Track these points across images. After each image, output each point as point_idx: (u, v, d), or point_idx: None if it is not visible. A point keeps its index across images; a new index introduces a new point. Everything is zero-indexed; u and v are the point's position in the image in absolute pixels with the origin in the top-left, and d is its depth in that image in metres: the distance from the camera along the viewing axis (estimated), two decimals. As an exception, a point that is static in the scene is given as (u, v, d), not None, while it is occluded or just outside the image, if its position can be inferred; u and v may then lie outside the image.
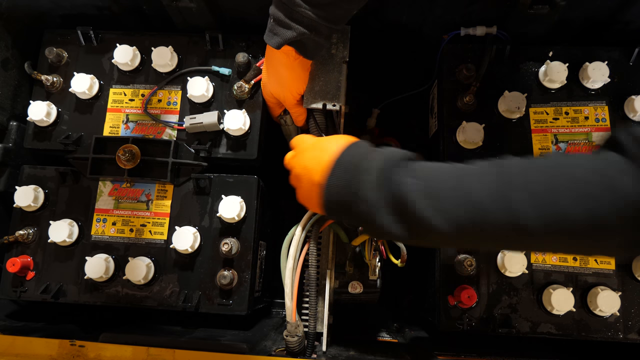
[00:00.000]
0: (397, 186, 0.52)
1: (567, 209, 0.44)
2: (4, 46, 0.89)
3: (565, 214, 0.44)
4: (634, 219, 0.42)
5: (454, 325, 0.80)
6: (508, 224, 0.47)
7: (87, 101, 0.88)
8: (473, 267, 0.80)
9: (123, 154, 0.80)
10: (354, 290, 0.83)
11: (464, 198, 0.49)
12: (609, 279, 0.80)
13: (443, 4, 0.86)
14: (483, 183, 0.49)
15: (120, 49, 0.86)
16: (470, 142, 0.83)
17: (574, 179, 0.44)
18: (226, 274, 0.79)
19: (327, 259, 0.81)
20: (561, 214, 0.44)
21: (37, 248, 0.84)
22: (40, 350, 0.67)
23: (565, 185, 0.44)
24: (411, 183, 0.52)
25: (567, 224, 0.45)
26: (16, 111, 0.91)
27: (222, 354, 0.66)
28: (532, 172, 0.47)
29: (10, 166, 0.88)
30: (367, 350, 0.84)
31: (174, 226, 0.81)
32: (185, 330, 0.90)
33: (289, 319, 0.72)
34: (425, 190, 0.51)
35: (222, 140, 0.85)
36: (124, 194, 0.85)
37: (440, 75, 0.90)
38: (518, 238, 0.49)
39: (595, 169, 0.44)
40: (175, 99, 0.88)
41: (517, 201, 0.46)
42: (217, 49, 0.88)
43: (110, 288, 0.82)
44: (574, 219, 0.44)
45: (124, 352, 0.66)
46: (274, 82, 0.80)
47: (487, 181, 0.49)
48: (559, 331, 0.79)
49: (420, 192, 0.51)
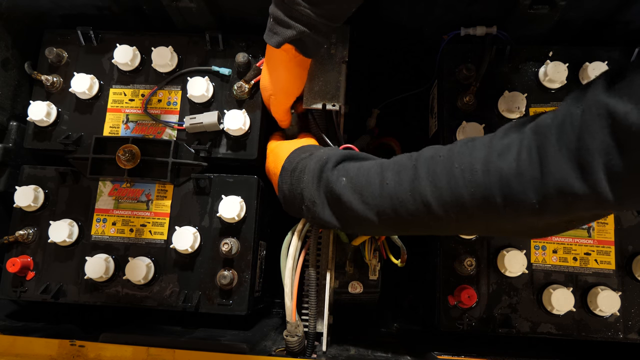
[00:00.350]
0: (331, 185, 0.63)
1: (463, 196, 0.53)
2: (4, 46, 0.89)
3: (462, 201, 0.53)
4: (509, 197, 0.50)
5: (454, 325, 0.80)
6: (421, 211, 0.56)
7: (87, 101, 0.88)
8: (473, 267, 0.80)
9: (123, 154, 0.80)
10: (354, 290, 0.83)
11: (385, 192, 0.59)
12: (609, 279, 0.80)
13: (443, 4, 0.86)
14: (400, 177, 0.58)
15: (120, 49, 0.86)
16: (470, 142, 0.83)
17: (469, 170, 0.52)
18: (226, 274, 0.79)
19: (327, 259, 0.81)
20: (459, 202, 0.53)
21: (37, 248, 0.84)
22: (40, 350, 0.67)
23: (461, 176, 0.53)
24: (342, 182, 0.62)
25: (464, 209, 0.54)
26: (16, 111, 0.91)
27: (222, 354, 0.66)
28: (437, 166, 0.55)
29: (10, 166, 0.88)
30: (366, 351, 0.84)
31: (174, 226, 0.81)
32: (185, 330, 0.90)
33: (289, 319, 0.72)
34: (353, 187, 0.61)
35: (222, 140, 0.85)
36: (124, 194, 0.85)
37: (440, 75, 0.90)
38: (430, 223, 0.58)
39: (485, 160, 0.52)
40: (175, 99, 0.88)
41: (424, 193, 0.55)
42: (217, 49, 0.88)
43: (110, 288, 0.82)
44: (468, 204, 0.53)
45: (124, 352, 0.66)
46: (272, 82, 0.80)
47: (403, 175, 0.58)
48: (559, 331, 0.79)
49: (349, 188, 0.61)
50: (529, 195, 0.49)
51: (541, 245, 0.82)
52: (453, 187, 0.53)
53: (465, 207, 0.53)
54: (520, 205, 0.50)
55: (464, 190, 0.53)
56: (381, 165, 0.62)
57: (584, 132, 0.45)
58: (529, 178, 0.48)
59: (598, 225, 0.82)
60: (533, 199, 0.49)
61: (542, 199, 0.48)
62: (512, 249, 0.80)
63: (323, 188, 0.65)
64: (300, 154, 0.71)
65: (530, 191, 0.49)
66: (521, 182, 0.49)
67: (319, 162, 0.66)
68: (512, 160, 0.50)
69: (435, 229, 0.61)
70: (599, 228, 0.82)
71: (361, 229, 0.67)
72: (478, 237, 0.82)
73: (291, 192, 0.69)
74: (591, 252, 0.81)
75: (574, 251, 0.81)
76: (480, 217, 0.54)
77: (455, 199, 0.54)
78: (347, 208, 0.62)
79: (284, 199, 0.72)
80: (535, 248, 0.82)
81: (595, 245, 0.82)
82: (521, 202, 0.49)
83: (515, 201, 0.50)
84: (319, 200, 0.65)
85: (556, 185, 0.47)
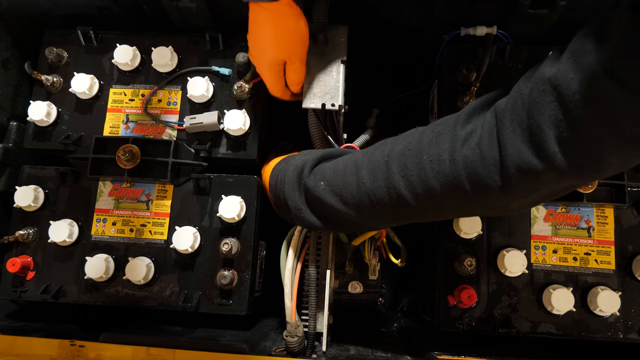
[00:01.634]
0: (311, 191, 0.66)
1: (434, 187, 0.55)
2: (4, 46, 0.89)
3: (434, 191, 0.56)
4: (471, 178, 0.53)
5: (454, 325, 0.80)
6: (397, 205, 0.59)
7: (87, 101, 0.88)
8: (473, 267, 0.80)
9: (123, 154, 0.80)
10: (354, 290, 0.83)
11: (362, 190, 0.61)
12: (609, 279, 0.80)
13: (443, 4, 0.86)
14: (375, 175, 0.60)
15: (120, 49, 0.86)
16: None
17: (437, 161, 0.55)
18: (226, 274, 0.79)
19: (327, 259, 0.81)
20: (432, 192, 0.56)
21: (37, 248, 0.84)
22: (40, 350, 0.67)
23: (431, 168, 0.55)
24: (320, 186, 0.65)
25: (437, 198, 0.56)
26: (16, 111, 0.91)
27: (222, 354, 0.66)
28: (408, 160, 0.58)
29: (10, 166, 0.88)
30: (367, 350, 0.84)
31: (174, 226, 0.81)
32: (185, 330, 0.90)
33: (288, 319, 0.72)
34: (332, 190, 0.64)
35: (222, 140, 0.85)
36: (124, 194, 0.85)
37: (440, 75, 0.90)
38: (408, 214, 0.61)
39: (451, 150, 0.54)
40: (175, 99, 0.88)
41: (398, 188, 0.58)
42: (217, 49, 0.88)
43: (110, 288, 0.82)
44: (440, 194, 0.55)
45: (124, 352, 0.66)
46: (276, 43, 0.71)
47: (377, 173, 0.60)
48: (559, 331, 0.79)
49: (328, 192, 0.64)
50: (494, 179, 0.50)
51: (541, 245, 0.82)
52: (424, 179, 0.56)
53: (437, 196, 0.56)
54: (489, 189, 0.51)
55: (434, 181, 0.55)
56: (355, 163, 0.64)
57: (532, 109, 0.47)
58: (492, 161, 0.50)
59: (598, 225, 0.82)
60: (498, 181, 0.50)
61: (506, 181, 0.50)
62: (512, 249, 0.80)
63: (304, 194, 0.68)
64: (280, 166, 0.75)
65: (494, 174, 0.50)
66: (485, 166, 0.50)
67: (295, 170, 0.69)
68: (475, 146, 0.52)
69: (413, 218, 0.64)
70: (599, 228, 0.82)
71: (345, 226, 0.70)
72: (478, 237, 0.82)
73: (278, 203, 0.74)
74: (591, 252, 0.81)
75: (574, 251, 0.81)
76: (453, 204, 0.57)
77: (427, 190, 0.56)
78: (329, 209, 0.66)
79: (276, 209, 0.78)
80: (535, 248, 0.82)
81: (595, 245, 0.82)
82: (488, 185, 0.51)
83: (483, 186, 0.51)
84: (303, 205, 0.69)
85: (515, 165, 0.48)
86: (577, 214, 0.82)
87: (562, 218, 0.82)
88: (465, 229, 0.80)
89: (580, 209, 0.83)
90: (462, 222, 0.80)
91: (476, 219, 0.80)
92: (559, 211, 0.83)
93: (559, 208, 0.83)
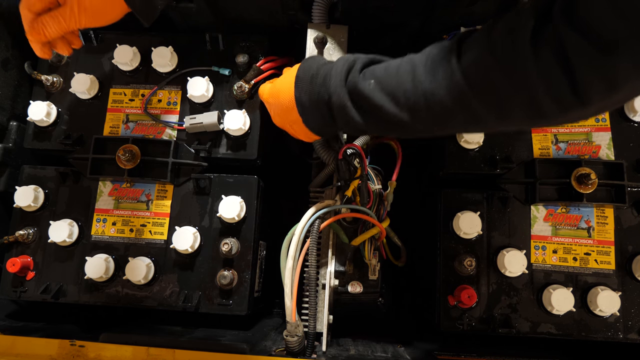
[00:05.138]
0: (359, 88, 0.61)
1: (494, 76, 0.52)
2: (4, 46, 0.89)
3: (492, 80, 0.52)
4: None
5: (454, 325, 0.80)
6: (457, 105, 0.55)
7: (87, 101, 0.88)
8: (473, 267, 0.80)
9: (123, 154, 0.80)
10: (354, 290, 0.83)
11: (418, 90, 0.57)
12: (609, 279, 0.80)
13: (443, 4, 0.86)
14: (435, 74, 0.56)
15: (120, 49, 0.86)
16: (470, 142, 0.83)
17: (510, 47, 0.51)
18: (226, 274, 0.79)
19: (327, 259, 0.81)
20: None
21: (37, 248, 0.84)
22: (40, 350, 0.67)
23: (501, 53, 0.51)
24: (370, 84, 0.61)
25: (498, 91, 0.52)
26: (16, 111, 0.91)
27: (222, 354, 0.66)
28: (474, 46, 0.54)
29: (10, 166, 0.88)
30: (366, 351, 0.84)
31: (174, 226, 0.81)
32: (185, 330, 0.90)
33: (288, 319, 0.72)
34: (382, 88, 0.60)
35: (222, 140, 0.85)
36: (124, 194, 0.85)
37: (440, 75, 0.90)
38: (467, 117, 0.56)
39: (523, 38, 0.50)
40: (175, 99, 0.88)
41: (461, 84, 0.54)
42: (217, 49, 0.88)
43: (110, 288, 0.82)
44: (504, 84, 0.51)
45: (124, 352, 0.66)
46: None
47: (438, 72, 0.56)
48: (559, 331, 0.79)
49: (378, 90, 0.60)
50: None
51: (541, 245, 0.82)
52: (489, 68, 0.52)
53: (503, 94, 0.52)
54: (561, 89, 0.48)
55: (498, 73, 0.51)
56: (411, 61, 0.60)
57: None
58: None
59: (598, 225, 0.82)
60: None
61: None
62: (512, 249, 0.80)
63: (348, 92, 0.62)
64: (318, 61, 0.68)
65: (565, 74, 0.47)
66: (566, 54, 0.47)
67: (346, 64, 0.64)
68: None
69: (473, 125, 0.60)
70: (599, 228, 0.82)
71: (391, 129, 0.64)
72: (478, 237, 0.82)
73: (313, 101, 0.66)
74: (591, 252, 0.81)
75: (574, 251, 0.81)
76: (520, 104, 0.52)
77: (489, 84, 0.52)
78: (378, 110, 0.60)
79: (304, 110, 0.67)
80: (535, 248, 0.82)
81: (595, 245, 0.82)
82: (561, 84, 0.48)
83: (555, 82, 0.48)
84: (348, 102, 0.63)
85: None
86: (577, 214, 0.82)
87: (562, 218, 0.82)
88: (465, 229, 0.80)
89: (580, 209, 0.83)
90: (462, 222, 0.80)
91: (476, 218, 0.80)
92: (559, 211, 0.83)
93: (559, 208, 0.83)
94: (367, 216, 0.79)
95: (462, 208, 0.83)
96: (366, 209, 0.79)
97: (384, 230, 0.80)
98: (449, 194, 0.85)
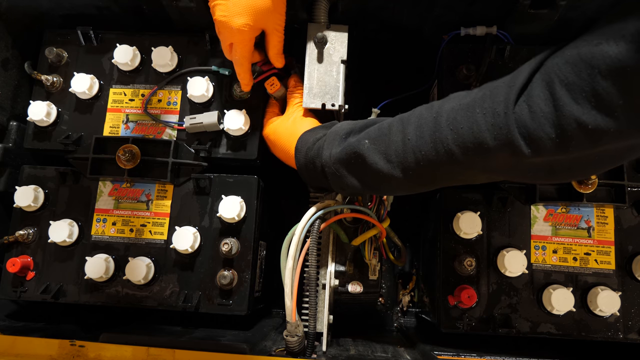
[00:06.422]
0: (353, 149, 0.64)
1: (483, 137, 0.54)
2: (4, 46, 0.89)
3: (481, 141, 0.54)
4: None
5: (454, 325, 0.80)
6: (443, 159, 0.57)
7: (87, 101, 0.88)
8: (473, 267, 0.80)
9: (123, 154, 0.80)
10: (354, 290, 0.83)
11: (407, 146, 0.60)
12: (609, 279, 0.80)
13: (443, 4, 0.86)
14: (421, 130, 0.59)
15: (120, 49, 0.86)
16: (470, 142, 0.83)
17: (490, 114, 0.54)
18: (226, 274, 0.79)
19: (327, 259, 0.81)
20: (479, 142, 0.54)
21: (37, 248, 0.84)
22: (40, 350, 0.67)
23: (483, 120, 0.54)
24: (365, 144, 0.63)
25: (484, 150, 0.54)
26: (16, 111, 0.91)
27: (222, 354, 0.66)
28: (458, 114, 0.56)
29: (10, 166, 0.88)
30: (366, 351, 0.84)
31: (174, 226, 0.81)
32: (185, 330, 0.90)
33: (289, 319, 0.72)
34: (376, 147, 0.63)
35: (222, 140, 0.85)
36: (124, 194, 0.85)
37: (440, 75, 0.90)
38: (454, 169, 0.59)
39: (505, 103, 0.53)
40: (175, 99, 0.88)
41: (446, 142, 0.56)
42: (217, 49, 0.88)
43: (110, 288, 0.82)
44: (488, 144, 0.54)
45: (124, 352, 0.66)
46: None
47: (424, 129, 0.59)
48: (559, 331, 0.79)
49: (371, 149, 0.63)
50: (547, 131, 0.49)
51: (541, 245, 0.82)
52: (476, 132, 0.54)
53: (488, 151, 0.54)
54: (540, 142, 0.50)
55: (487, 134, 0.53)
56: (401, 121, 0.63)
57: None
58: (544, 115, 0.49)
59: (598, 225, 0.82)
60: (552, 133, 0.49)
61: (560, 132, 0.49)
62: (512, 249, 0.80)
63: (344, 155, 0.66)
64: (312, 134, 0.73)
65: (547, 126, 0.49)
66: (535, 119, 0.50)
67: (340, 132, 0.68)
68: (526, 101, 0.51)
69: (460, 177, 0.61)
70: (599, 228, 0.82)
71: (386, 188, 0.68)
72: (478, 237, 0.82)
73: (308, 170, 0.72)
74: (591, 252, 0.81)
75: (574, 251, 0.81)
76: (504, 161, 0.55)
77: (478, 144, 0.54)
78: (372, 169, 0.63)
79: (302, 173, 0.74)
80: (535, 248, 0.82)
81: (595, 245, 0.82)
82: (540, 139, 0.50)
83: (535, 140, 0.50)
84: (343, 170, 0.67)
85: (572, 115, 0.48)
86: (577, 214, 0.82)
87: (562, 218, 0.83)
88: (465, 229, 0.80)
89: (580, 209, 0.83)
90: (462, 222, 0.80)
91: (476, 218, 0.80)
92: (559, 211, 0.83)
93: (559, 208, 0.83)
94: (367, 216, 0.79)
95: (462, 208, 0.83)
96: (366, 209, 0.79)
97: (384, 230, 0.80)
98: (449, 194, 0.85)
